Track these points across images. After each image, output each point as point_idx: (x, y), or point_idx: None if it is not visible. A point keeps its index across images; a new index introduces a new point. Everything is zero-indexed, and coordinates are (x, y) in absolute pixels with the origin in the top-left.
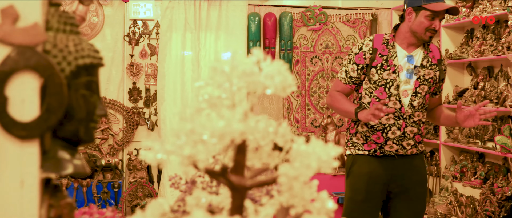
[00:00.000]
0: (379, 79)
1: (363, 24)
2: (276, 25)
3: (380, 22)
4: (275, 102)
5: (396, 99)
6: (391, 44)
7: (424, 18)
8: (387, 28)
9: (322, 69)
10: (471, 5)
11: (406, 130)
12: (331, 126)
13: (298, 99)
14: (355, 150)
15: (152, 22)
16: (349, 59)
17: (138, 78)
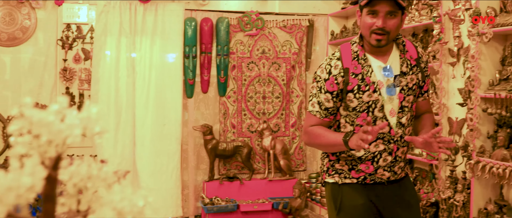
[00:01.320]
0: (359, 104)
1: (300, 30)
2: (213, 30)
3: (317, 28)
4: (211, 108)
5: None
6: (362, 58)
7: (366, 16)
8: (324, 34)
9: (258, 75)
10: None
11: (397, 153)
12: (267, 132)
13: (235, 104)
14: (340, 179)
15: (86, 26)
16: (319, 87)
17: (71, 83)
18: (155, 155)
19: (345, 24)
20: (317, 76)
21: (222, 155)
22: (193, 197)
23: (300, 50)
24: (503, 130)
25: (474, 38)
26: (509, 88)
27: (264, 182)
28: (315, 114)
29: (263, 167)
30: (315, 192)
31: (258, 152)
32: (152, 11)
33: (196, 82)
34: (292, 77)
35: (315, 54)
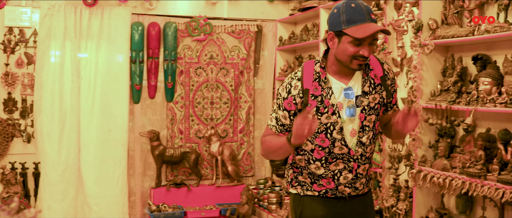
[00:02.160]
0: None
1: (248, 35)
2: (160, 35)
3: (265, 34)
4: (158, 113)
5: (341, 143)
6: (323, 80)
7: (348, 44)
8: (272, 39)
9: (206, 80)
10: None
11: (358, 170)
12: (215, 137)
13: (182, 110)
14: (303, 190)
15: (30, 29)
16: (278, 104)
17: (13, 88)
18: (100, 161)
19: (293, 30)
20: (278, 93)
21: (169, 161)
22: (140, 204)
23: (249, 56)
24: (443, 140)
25: (416, 49)
26: (450, 99)
27: (212, 188)
28: (271, 128)
29: (211, 173)
30: (262, 198)
31: (206, 158)
32: (98, 15)
33: (143, 87)
34: (240, 83)
35: (263, 59)
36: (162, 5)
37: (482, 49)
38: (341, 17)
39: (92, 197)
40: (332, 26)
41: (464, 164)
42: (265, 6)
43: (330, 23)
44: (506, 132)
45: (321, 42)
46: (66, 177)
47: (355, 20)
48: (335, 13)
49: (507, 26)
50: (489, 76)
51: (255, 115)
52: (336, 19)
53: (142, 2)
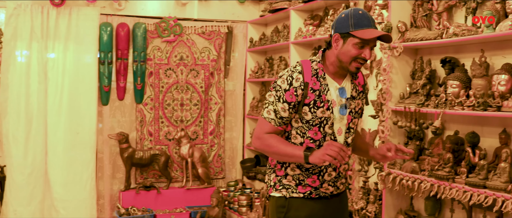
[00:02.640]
0: (312, 118)
1: (219, 36)
2: (129, 35)
3: (236, 35)
4: (127, 115)
5: (331, 138)
6: (321, 76)
7: (352, 46)
8: (243, 41)
9: (176, 81)
10: (318, 24)
11: (340, 169)
12: (185, 139)
13: (152, 112)
14: (288, 193)
15: None
16: (278, 96)
17: None
18: (68, 164)
19: (264, 31)
20: (276, 86)
21: (138, 164)
22: (109, 207)
23: (219, 57)
24: (412, 143)
25: (385, 51)
26: (418, 102)
27: (182, 190)
28: (270, 121)
29: (181, 176)
30: (233, 200)
31: (175, 160)
32: (65, 15)
33: (111, 89)
34: (210, 84)
35: (234, 61)
36: (131, 6)
37: (451, 52)
38: (349, 21)
39: (59, 200)
40: (338, 28)
41: (433, 167)
42: (235, 7)
43: (337, 26)
44: (474, 135)
45: (291, 44)
46: (32, 180)
47: (362, 24)
48: (343, 17)
49: (475, 29)
50: (457, 79)
51: (226, 116)
52: (344, 22)
53: (111, 3)
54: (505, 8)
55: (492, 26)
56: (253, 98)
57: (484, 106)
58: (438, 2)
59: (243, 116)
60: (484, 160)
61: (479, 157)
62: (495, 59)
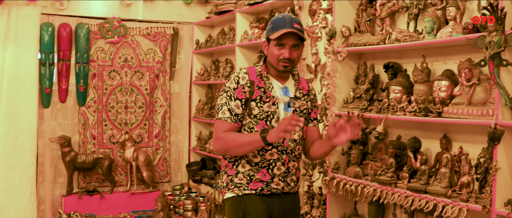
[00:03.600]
0: (260, 112)
1: (164, 38)
2: (72, 36)
3: (182, 37)
4: (70, 118)
5: None
6: (265, 76)
7: (273, 47)
8: (189, 42)
9: (120, 83)
10: (263, 27)
11: (289, 165)
12: (130, 143)
13: (95, 114)
14: (240, 191)
15: None
16: (229, 95)
17: None
18: (6, 169)
19: (210, 33)
20: (226, 88)
21: (81, 168)
22: (50, 212)
23: (164, 59)
24: (356, 148)
25: (330, 55)
26: (362, 106)
27: (126, 195)
28: (226, 119)
29: (125, 180)
30: (178, 205)
31: (120, 164)
32: (4, 14)
33: (53, 91)
34: (155, 87)
35: (179, 63)
36: (74, 6)
37: (394, 57)
38: (268, 26)
39: None
40: (266, 35)
41: (376, 172)
42: (181, 8)
43: (266, 33)
44: (416, 140)
45: (237, 47)
46: None
47: (278, 27)
48: (268, 25)
49: (417, 35)
50: (399, 85)
51: (171, 119)
52: (267, 29)
53: (52, 2)
54: (445, 15)
55: (433, 33)
56: (199, 101)
57: (425, 111)
58: (381, 7)
59: (189, 118)
60: (425, 165)
61: (421, 162)
62: (436, 65)
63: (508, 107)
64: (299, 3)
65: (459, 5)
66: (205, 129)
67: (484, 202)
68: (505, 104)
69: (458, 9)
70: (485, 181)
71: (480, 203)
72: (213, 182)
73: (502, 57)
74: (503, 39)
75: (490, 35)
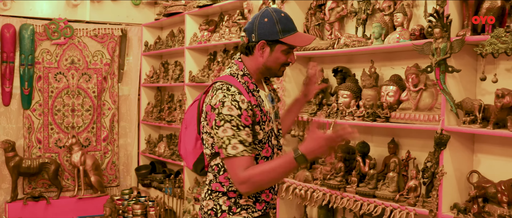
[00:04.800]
0: (264, 135)
1: (112, 39)
2: (16, 37)
3: (130, 38)
4: (14, 122)
5: (277, 148)
6: (254, 90)
7: (281, 53)
8: (138, 44)
9: (67, 86)
10: (213, 29)
11: None
12: (77, 147)
13: (41, 118)
14: (249, 214)
15: None
16: (235, 125)
17: None
18: None
19: (159, 34)
20: (226, 116)
21: (26, 173)
22: None
23: (113, 61)
24: None
25: None
26: (311, 111)
27: (73, 200)
28: (243, 154)
29: (73, 184)
30: (127, 209)
31: (67, 168)
32: None
33: None
34: (103, 89)
35: (128, 65)
36: (18, 6)
37: (343, 62)
38: (276, 26)
39: None
40: (264, 35)
41: (325, 176)
42: (130, 10)
43: (262, 32)
44: (364, 145)
45: (186, 49)
46: None
47: (290, 29)
48: (266, 22)
49: (365, 40)
50: (348, 89)
51: (120, 122)
52: (270, 29)
53: None
54: (393, 20)
55: (381, 38)
56: (148, 103)
57: (373, 116)
58: (330, 12)
59: (138, 121)
60: (374, 170)
61: (369, 167)
62: (384, 70)
63: (453, 112)
64: (248, 5)
65: (406, 11)
66: (154, 132)
67: (431, 206)
68: (451, 109)
69: (406, 15)
70: (431, 185)
71: (427, 207)
72: (163, 186)
73: (448, 63)
74: (449, 46)
75: (436, 42)
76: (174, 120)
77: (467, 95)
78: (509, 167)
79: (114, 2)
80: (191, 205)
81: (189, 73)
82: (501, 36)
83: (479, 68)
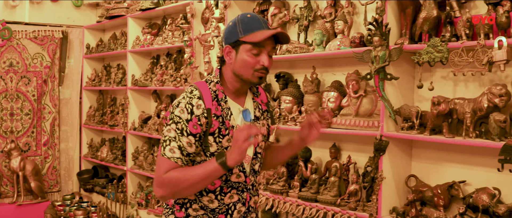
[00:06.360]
0: (218, 149)
1: (53, 41)
2: None
3: (71, 40)
4: None
5: (239, 170)
6: (222, 99)
7: (246, 54)
8: (79, 47)
9: (5, 89)
10: (156, 33)
11: (250, 203)
12: (16, 152)
13: None
14: None
15: None
16: (180, 129)
17: None
18: None
19: (102, 37)
20: (175, 117)
21: None
22: None
23: (53, 64)
24: None
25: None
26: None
27: (12, 207)
28: (176, 161)
29: (12, 191)
30: (68, 215)
31: (5, 174)
32: None
33: None
34: (44, 92)
35: (69, 68)
36: None
37: (285, 67)
38: (237, 27)
39: None
40: (228, 39)
41: (268, 180)
42: (71, 11)
43: (226, 36)
44: (306, 150)
45: (129, 53)
46: None
47: (252, 27)
48: (230, 26)
49: (307, 47)
50: (290, 95)
51: (61, 126)
52: (232, 31)
53: None
54: (334, 27)
55: (322, 45)
56: (90, 107)
57: None
58: (272, 18)
59: (79, 125)
60: (316, 174)
61: (311, 171)
62: (326, 75)
63: (392, 119)
64: (191, 10)
65: (347, 19)
66: (96, 136)
67: (371, 210)
68: (390, 116)
69: (346, 23)
70: (371, 189)
71: (367, 211)
72: (105, 191)
73: (387, 71)
74: (388, 54)
75: (375, 50)
76: (117, 124)
77: (405, 102)
78: (445, 171)
79: (55, 3)
80: (135, 210)
81: (131, 77)
82: (437, 45)
83: (417, 76)
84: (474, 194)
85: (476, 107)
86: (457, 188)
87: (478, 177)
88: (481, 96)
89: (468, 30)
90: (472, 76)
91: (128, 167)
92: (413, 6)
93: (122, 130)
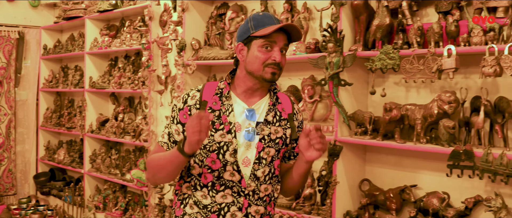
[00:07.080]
0: (209, 142)
1: (9, 42)
2: None
3: (28, 41)
4: None
5: (233, 168)
6: (225, 95)
7: (258, 49)
8: (36, 47)
9: None
10: (114, 35)
11: (249, 210)
12: None
13: None
14: None
15: None
16: (173, 117)
17: None
18: None
19: (59, 38)
20: (173, 106)
21: None
22: None
23: (9, 65)
24: None
25: (179, 68)
26: None
27: None
28: (162, 145)
29: None
30: None
31: None
32: None
33: None
34: None
35: (26, 69)
36: None
37: None
38: (249, 23)
39: None
40: (240, 36)
41: None
42: (28, 12)
43: (239, 34)
44: None
45: (86, 54)
46: None
47: (264, 23)
48: (243, 24)
49: None
50: None
51: (17, 128)
52: (244, 28)
53: None
54: None
55: None
56: (47, 109)
57: None
58: (230, 22)
59: (36, 127)
60: None
61: None
62: (282, 80)
63: (346, 124)
64: (149, 13)
65: (303, 25)
66: (54, 138)
67: (325, 214)
68: (344, 121)
69: (302, 28)
70: (326, 193)
71: (322, 214)
72: (63, 194)
73: (341, 77)
74: (342, 60)
75: (330, 56)
76: (74, 126)
77: (359, 107)
78: (397, 175)
79: (11, 3)
80: (92, 213)
81: (89, 79)
82: (389, 52)
83: (370, 82)
84: (425, 198)
85: (427, 113)
86: (408, 192)
87: (428, 181)
88: (431, 103)
89: (419, 38)
90: (423, 83)
91: (86, 170)
92: (366, 14)
93: (80, 132)
